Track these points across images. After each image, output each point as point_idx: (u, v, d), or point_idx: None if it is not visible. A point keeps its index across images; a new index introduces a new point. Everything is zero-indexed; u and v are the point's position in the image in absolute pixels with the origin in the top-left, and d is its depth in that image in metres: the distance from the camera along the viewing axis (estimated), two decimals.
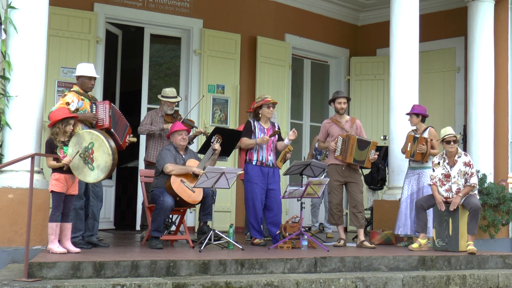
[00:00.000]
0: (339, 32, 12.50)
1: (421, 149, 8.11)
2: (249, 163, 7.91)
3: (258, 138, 7.88)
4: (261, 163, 7.90)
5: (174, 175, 7.39)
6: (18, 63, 6.61)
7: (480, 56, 10.34)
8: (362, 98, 12.25)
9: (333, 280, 6.21)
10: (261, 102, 7.95)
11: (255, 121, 8.02)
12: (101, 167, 6.27)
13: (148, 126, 8.43)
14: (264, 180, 7.86)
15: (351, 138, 8.12)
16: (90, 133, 6.32)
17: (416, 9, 9.21)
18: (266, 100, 7.96)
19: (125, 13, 10.09)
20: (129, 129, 7.29)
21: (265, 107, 7.95)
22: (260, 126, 8.00)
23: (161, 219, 7.23)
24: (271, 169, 7.97)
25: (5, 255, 6.29)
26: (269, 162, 7.95)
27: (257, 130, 7.95)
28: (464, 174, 7.78)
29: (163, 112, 8.54)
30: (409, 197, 8.32)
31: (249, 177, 7.86)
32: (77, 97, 6.86)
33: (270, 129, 8.04)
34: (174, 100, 8.54)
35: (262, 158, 7.91)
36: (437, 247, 7.79)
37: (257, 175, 7.85)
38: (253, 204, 7.83)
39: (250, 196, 7.85)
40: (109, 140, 6.34)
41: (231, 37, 10.84)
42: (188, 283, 5.63)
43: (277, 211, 7.95)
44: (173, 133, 7.66)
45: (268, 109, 7.98)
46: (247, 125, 8.05)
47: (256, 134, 7.93)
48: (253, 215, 7.84)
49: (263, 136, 7.89)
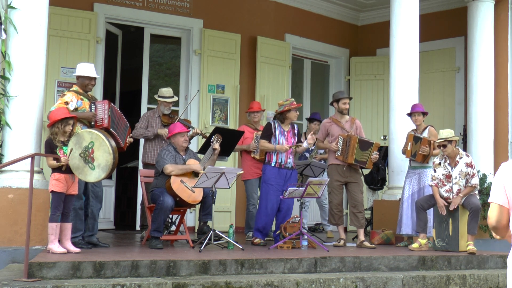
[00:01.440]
0: (339, 32, 12.50)
1: (424, 151, 8.10)
2: (268, 164, 7.90)
3: (278, 146, 7.83)
4: (279, 164, 7.88)
5: (174, 175, 7.39)
6: (18, 63, 6.61)
7: (480, 56, 10.33)
8: (362, 98, 12.25)
9: (333, 280, 6.21)
10: (290, 107, 7.89)
11: (275, 123, 7.97)
12: (102, 166, 6.27)
13: (143, 131, 8.43)
14: (280, 182, 7.85)
15: (352, 138, 8.11)
16: (90, 132, 6.32)
17: (416, 9, 9.21)
18: (295, 104, 7.92)
19: (125, 13, 10.09)
20: (129, 130, 7.29)
21: (293, 111, 7.92)
22: (280, 129, 7.95)
23: (161, 219, 7.23)
24: (289, 171, 7.95)
25: (5, 255, 6.29)
26: (288, 164, 7.93)
27: (278, 132, 7.90)
28: (465, 175, 7.77)
29: (160, 112, 8.53)
30: (410, 197, 8.32)
31: (266, 178, 7.86)
32: (76, 97, 6.86)
33: (290, 131, 7.99)
34: (170, 100, 8.52)
35: (281, 160, 7.89)
36: (437, 247, 7.79)
37: (274, 177, 7.84)
38: (265, 205, 7.83)
39: (264, 197, 7.87)
40: (110, 139, 6.34)
41: (231, 37, 10.84)
42: (188, 283, 5.63)
43: (286, 213, 7.94)
44: (176, 135, 7.66)
45: (296, 112, 7.97)
46: (268, 127, 7.97)
47: (276, 136, 7.88)
48: (264, 215, 7.83)
49: (284, 142, 7.85)
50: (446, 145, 7.71)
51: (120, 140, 6.93)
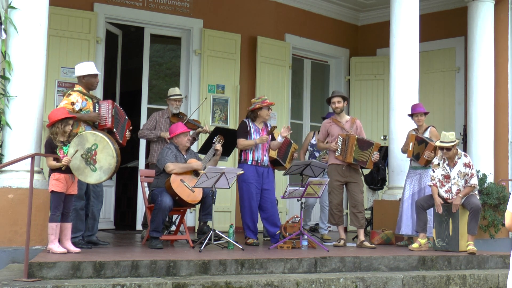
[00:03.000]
0: (339, 32, 12.50)
1: (430, 156, 8.08)
2: (244, 162, 7.91)
3: (257, 138, 7.88)
4: (256, 162, 7.91)
5: (175, 173, 7.39)
6: (18, 63, 6.61)
7: (480, 56, 10.33)
8: (362, 98, 12.25)
9: (333, 280, 6.21)
10: (262, 104, 7.95)
11: (249, 122, 8.02)
12: (104, 169, 6.27)
13: (147, 132, 8.45)
14: (259, 180, 7.88)
15: (350, 137, 8.12)
16: (94, 134, 6.32)
17: (416, 9, 9.21)
18: (267, 102, 7.97)
19: (125, 13, 10.08)
20: (128, 122, 7.29)
21: (265, 109, 7.97)
22: (255, 127, 8.00)
23: (159, 219, 7.23)
24: (266, 169, 7.99)
25: (5, 255, 6.29)
26: (264, 162, 7.96)
27: (253, 130, 7.96)
28: (464, 175, 7.77)
29: (170, 113, 8.55)
30: (410, 197, 8.32)
31: (245, 177, 7.85)
32: (81, 97, 6.86)
33: (264, 129, 8.05)
34: (178, 97, 8.54)
35: (258, 158, 7.92)
36: (437, 247, 7.79)
37: (252, 175, 7.86)
38: (249, 204, 7.84)
39: (246, 196, 7.86)
40: (114, 143, 6.34)
41: (231, 37, 10.84)
42: (188, 283, 5.63)
43: (272, 210, 7.96)
44: (179, 135, 7.67)
45: (268, 111, 8.01)
46: (243, 126, 8.03)
47: (251, 134, 7.93)
48: (249, 215, 7.86)
49: (260, 136, 7.90)
50: (450, 149, 7.72)
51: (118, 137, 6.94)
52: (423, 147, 8.17)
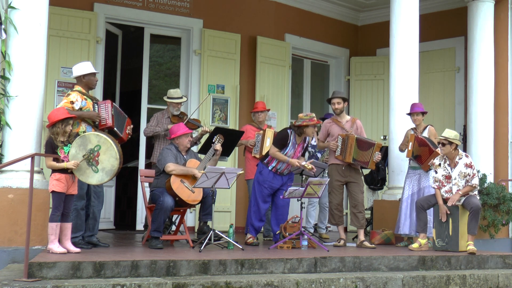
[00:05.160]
0: (339, 32, 12.50)
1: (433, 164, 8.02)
2: (265, 166, 7.87)
3: (290, 160, 7.71)
4: (276, 170, 7.87)
5: (175, 175, 7.39)
6: (18, 63, 6.61)
7: (480, 56, 10.33)
8: (362, 98, 12.25)
9: (333, 280, 6.21)
10: (309, 123, 7.69)
11: (292, 134, 7.80)
12: (106, 170, 6.27)
13: (153, 128, 8.45)
14: (274, 185, 7.87)
15: (350, 137, 8.12)
16: (97, 135, 6.31)
17: (416, 9, 9.21)
18: (314, 121, 7.70)
19: (125, 13, 10.09)
20: (128, 120, 7.30)
21: (311, 127, 7.74)
22: (294, 140, 7.83)
23: (161, 219, 7.24)
24: (285, 176, 7.95)
25: (5, 255, 6.29)
26: (285, 172, 7.92)
27: (291, 144, 7.81)
28: (465, 175, 7.77)
29: (169, 113, 8.54)
30: (410, 197, 8.32)
31: (261, 180, 7.84)
32: (81, 97, 6.87)
33: (301, 144, 7.88)
34: (179, 101, 8.54)
35: (280, 169, 7.87)
36: (437, 247, 7.79)
37: (269, 180, 7.84)
38: (257, 204, 7.84)
39: (257, 196, 7.87)
40: (117, 145, 6.35)
41: (231, 37, 10.84)
42: (188, 283, 5.63)
43: (285, 210, 7.95)
44: (181, 136, 7.67)
45: (314, 129, 7.83)
46: (284, 136, 7.80)
47: (288, 147, 7.79)
48: (257, 214, 7.84)
49: (293, 152, 7.76)
50: (445, 144, 7.70)
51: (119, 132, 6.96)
52: (426, 150, 8.13)
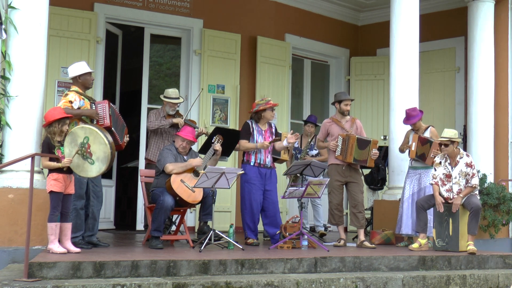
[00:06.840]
0: (339, 32, 12.50)
1: (436, 154, 8.04)
2: (247, 163, 7.92)
3: (258, 143, 7.86)
4: (259, 164, 7.90)
5: (175, 173, 7.39)
6: (18, 63, 6.61)
7: (480, 56, 10.33)
8: (362, 98, 12.24)
9: (333, 280, 6.21)
10: (266, 106, 7.92)
11: (253, 123, 8.01)
12: (101, 159, 6.26)
13: (158, 122, 8.42)
14: (261, 181, 7.88)
15: (350, 137, 8.12)
16: (82, 128, 6.31)
17: (416, 9, 9.21)
18: (271, 103, 7.93)
19: (125, 13, 10.09)
20: (126, 129, 7.31)
21: (269, 110, 7.95)
22: (258, 128, 7.99)
23: (161, 219, 7.24)
24: (269, 170, 7.98)
25: (5, 255, 6.29)
26: (267, 163, 7.95)
27: (255, 132, 7.95)
28: (465, 174, 7.77)
29: (165, 112, 8.54)
30: (410, 197, 8.32)
31: (248, 178, 7.86)
32: (79, 97, 6.87)
33: (267, 130, 8.03)
34: (177, 101, 8.54)
35: (260, 160, 7.92)
36: (437, 247, 7.79)
37: (255, 176, 7.86)
38: (250, 205, 7.85)
39: (248, 197, 7.86)
40: (104, 132, 6.32)
41: (231, 37, 10.84)
42: (188, 283, 5.63)
43: (274, 211, 7.96)
44: (178, 136, 7.68)
45: (272, 112, 7.98)
46: (246, 127, 8.02)
47: (254, 136, 7.92)
48: (250, 215, 7.86)
49: (262, 141, 7.88)
50: (448, 145, 7.72)
51: (118, 138, 6.94)
52: (427, 147, 8.16)
